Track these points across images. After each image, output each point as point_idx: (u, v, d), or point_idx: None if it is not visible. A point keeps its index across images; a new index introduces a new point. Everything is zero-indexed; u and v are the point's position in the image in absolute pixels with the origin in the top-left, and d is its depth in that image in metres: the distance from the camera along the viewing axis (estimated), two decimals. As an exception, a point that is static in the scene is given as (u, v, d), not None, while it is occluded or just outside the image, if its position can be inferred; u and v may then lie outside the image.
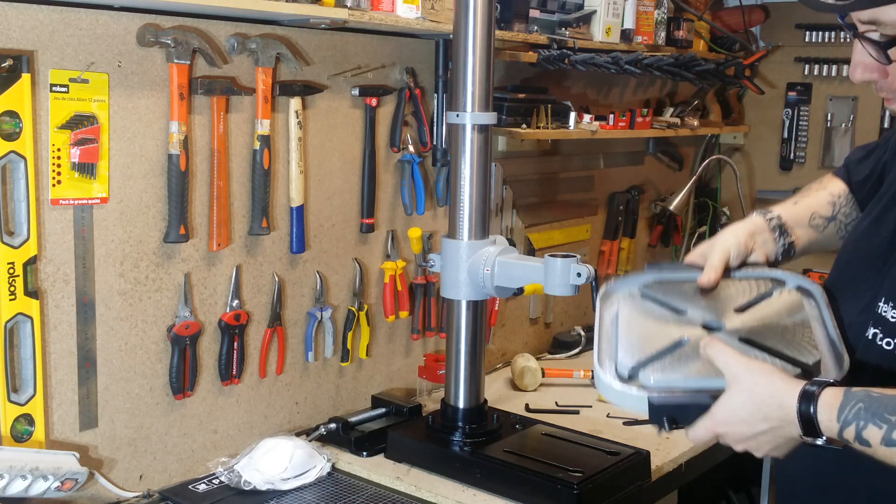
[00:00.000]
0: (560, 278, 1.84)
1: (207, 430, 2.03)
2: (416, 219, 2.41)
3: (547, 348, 2.96)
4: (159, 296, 1.90)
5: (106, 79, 1.75)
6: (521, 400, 2.46)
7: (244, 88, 1.96)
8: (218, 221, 1.95)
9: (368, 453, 2.06)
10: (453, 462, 1.97)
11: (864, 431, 1.17)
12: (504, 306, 2.76)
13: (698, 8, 3.17)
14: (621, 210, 3.16)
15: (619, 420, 2.33)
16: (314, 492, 1.91)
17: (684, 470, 2.14)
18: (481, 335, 2.06)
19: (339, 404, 2.31)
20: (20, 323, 1.67)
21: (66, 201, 1.72)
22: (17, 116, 1.61)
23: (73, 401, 1.78)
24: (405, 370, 2.49)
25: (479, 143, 1.97)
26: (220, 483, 1.91)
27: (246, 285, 2.06)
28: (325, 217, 2.21)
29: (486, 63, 1.95)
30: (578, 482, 1.81)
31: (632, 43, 2.81)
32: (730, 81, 3.25)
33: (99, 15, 1.73)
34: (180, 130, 1.84)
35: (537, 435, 2.09)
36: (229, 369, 2.03)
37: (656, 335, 1.38)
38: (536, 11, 2.57)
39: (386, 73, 2.29)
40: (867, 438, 1.17)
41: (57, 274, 1.73)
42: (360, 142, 2.26)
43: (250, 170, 2.01)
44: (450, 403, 2.07)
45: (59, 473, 1.66)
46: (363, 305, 2.31)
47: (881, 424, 1.16)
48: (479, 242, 1.97)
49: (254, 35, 1.96)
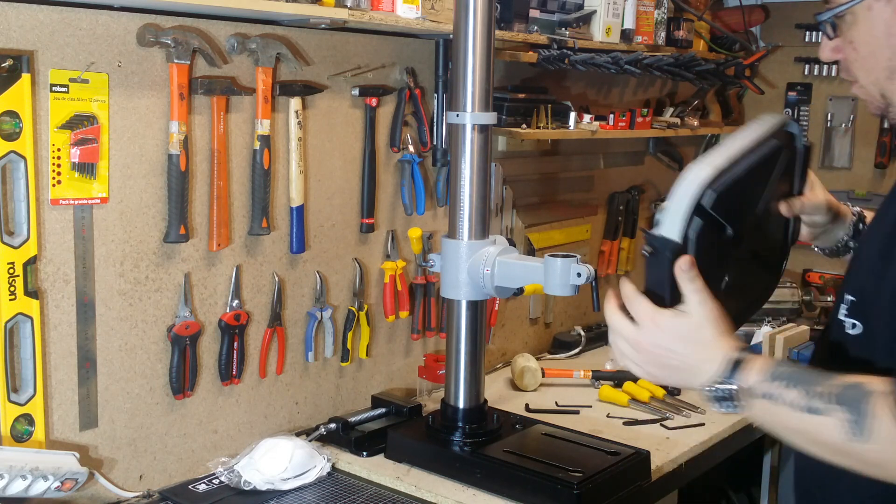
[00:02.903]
0: (560, 278, 1.84)
1: (207, 430, 2.03)
2: (416, 219, 2.41)
3: (547, 348, 2.96)
4: (159, 296, 1.90)
5: (106, 79, 1.75)
6: (521, 400, 2.46)
7: (244, 88, 1.96)
8: (218, 221, 1.95)
9: (368, 453, 2.06)
10: (453, 462, 1.97)
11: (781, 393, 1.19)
12: (504, 306, 2.76)
13: (698, 8, 3.17)
14: (621, 210, 3.16)
15: (619, 420, 2.33)
16: (314, 492, 1.91)
17: (684, 470, 2.14)
18: (481, 335, 2.06)
19: (339, 404, 2.31)
20: (20, 323, 1.67)
21: (66, 201, 1.72)
22: (17, 116, 1.61)
23: (73, 401, 1.78)
24: (405, 370, 2.49)
25: (479, 143, 1.97)
26: (220, 483, 1.91)
27: (246, 285, 2.06)
28: (325, 217, 2.21)
29: (486, 63, 1.94)
30: (578, 482, 1.81)
31: (632, 43, 2.81)
32: (730, 81, 3.25)
33: (99, 15, 1.73)
34: (180, 130, 1.84)
35: (537, 435, 2.09)
36: (229, 369, 2.03)
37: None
38: (536, 11, 2.57)
39: (386, 73, 2.29)
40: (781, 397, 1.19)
41: (57, 274, 1.73)
42: (360, 142, 2.26)
43: (250, 170, 2.01)
44: (450, 403, 2.07)
45: (59, 473, 1.66)
46: (363, 305, 2.31)
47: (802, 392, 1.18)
48: (479, 242, 1.97)
49: (254, 35, 1.96)
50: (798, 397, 1.18)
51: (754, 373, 1.22)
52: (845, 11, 1.34)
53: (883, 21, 1.31)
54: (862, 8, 1.32)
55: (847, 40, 1.37)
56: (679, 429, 2.27)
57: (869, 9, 1.32)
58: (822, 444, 1.19)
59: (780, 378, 1.21)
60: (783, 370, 1.22)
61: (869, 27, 1.33)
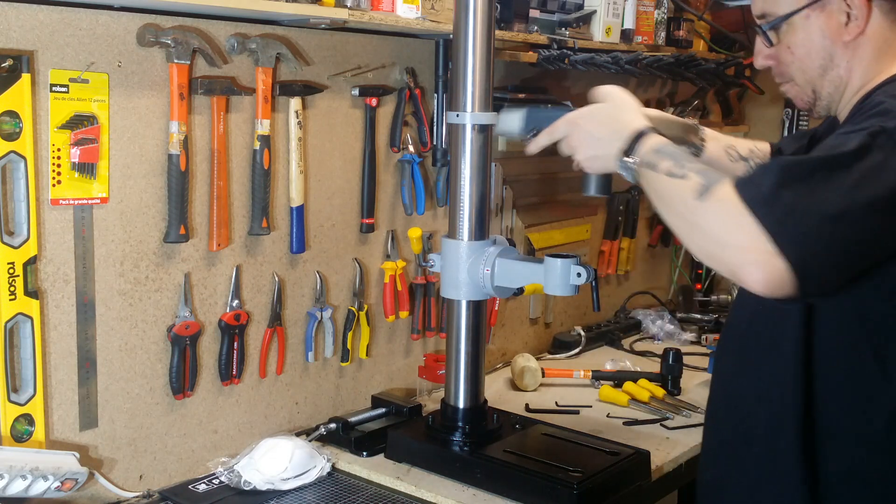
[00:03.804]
0: (560, 278, 1.84)
1: (207, 430, 2.03)
2: (416, 219, 2.41)
3: (547, 348, 2.96)
4: (159, 296, 1.90)
5: (106, 79, 1.75)
6: (521, 400, 2.46)
7: (244, 88, 1.96)
8: (218, 221, 1.95)
9: (368, 453, 2.06)
10: (453, 462, 1.97)
11: (661, 162, 1.44)
12: (504, 306, 2.76)
13: (698, 8, 3.17)
14: (621, 210, 3.16)
15: (619, 420, 2.33)
16: (314, 492, 1.91)
17: (684, 470, 2.13)
18: (481, 335, 2.05)
19: (339, 404, 2.31)
20: (20, 323, 1.67)
21: (66, 201, 1.72)
22: (17, 116, 1.61)
23: (73, 401, 1.78)
24: (405, 370, 2.49)
25: (479, 143, 1.97)
26: (220, 483, 1.91)
27: (246, 285, 2.06)
28: (325, 217, 2.21)
29: (486, 63, 1.94)
30: (578, 482, 1.81)
31: (632, 43, 2.81)
32: (730, 81, 3.25)
33: (99, 15, 1.73)
34: (180, 130, 1.84)
35: (537, 435, 2.09)
36: (229, 369, 2.03)
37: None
38: (536, 11, 2.57)
39: (386, 73, 2.29)
40: (659, 165, 1.44)
41: (57, 274, 1.73)
42: (360, 142, 2.26)
43: (250, 170, 2.01)
44: (450, 403, 2.06)
45: (59, 473, 1.66)
46: (363, 305, 2.31)
47: (674, 162, 1.42)
48: (478, 242, 1.97)
49: (254, 35, 1.96)
50: (671, 166, 1.42)
51: (646, 147, 1.49)
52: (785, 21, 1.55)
53: (818, 27, 1.53)
54: (800, 17, 1.53)
55: (784, 46, 1.57)
56: (679, 429, 2.27)
57: (806, 17, 1.53)
58: (675, 204, 1.41)
59: (662, 152, 1.46)
60: (668, 148, 1.47)
61: (806, 33, 1.54)
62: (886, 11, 1.51)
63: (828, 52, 1.54)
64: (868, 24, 1.50)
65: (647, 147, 1.49)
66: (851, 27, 1.51)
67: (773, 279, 1.27)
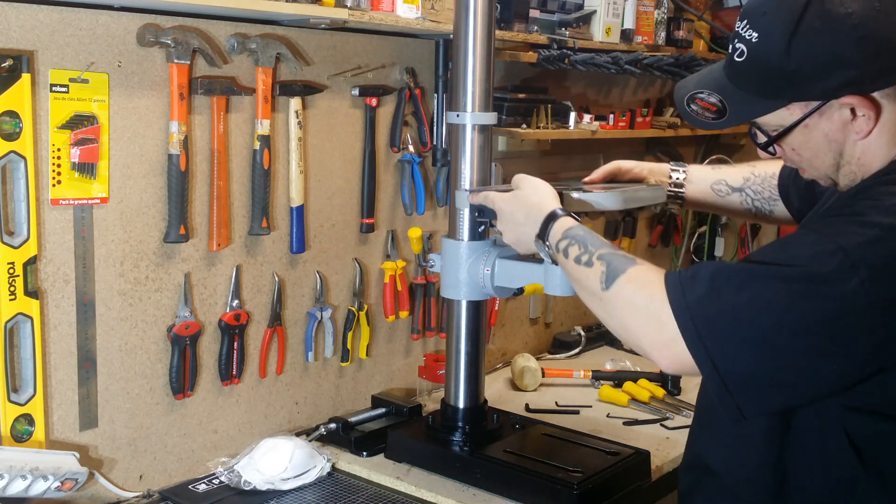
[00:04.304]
0: (560, 278, 1.83)
1: (207, 430, 2.03)
2: (416, 219, 2.41)
3: (547, 348, 2.96)
4: (159, 296, 1.90)
5: (106, 79, 1.75)
6: (521, 400, 2.46)
7: (244, 88, 1.96)
8: (218, 221, 1.95)
9: (368, 453, 2.06)
10: (453, 462, 1.97)
11: (569, 248, 1.50)
12: (504, 306, 2.76)
13: (698, 8, 3.17)
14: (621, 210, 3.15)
15: (619, 420, 2.33)
16: (314, 492, 1.91)
17: (684, 470, 2.13)
18: (481, 335, 2.05)
19: (339, 404, 2.31)
20: (20, 323, 1.67)
21: (66, 201, 1.72)
22: (17, 116, 1.61)
23: (73, 401, 1.78)
24: (405, 370, 2.49)
25: (479, 143, 1.97)
26: (220, 483, 1.91)
27: (246, 285, 2.06)
28: (325, 217, 2.21)
29: (486, 63, 1.94)
30: (578, 482, 1.81)
31: (632, 43, 2.81)
32: (730, 81, 3.24)
33: (99, 15, 1.73)
34: (180, 130, 1.84)
35: (537, 435, 2.09)
36: (229, 369, 2.03)
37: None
38: (536, 11, 2.57)
39: (386, 73, 2.29)
40: (569, 252, 1.50)
41: (57, 274, 1.73)
42: (360, 142, 2.26)
43: (250, 170, 2.01)
44: (450, 403, 2.06)
45: (59, 473, 1.66)
46: (363, 305, 2.31)
47: (582, 249, 1.48)
48: (479, 242, 1.97)
49: (254, 35, 1.96)
50: (579, 253, 1.48)
51: (555, 230, 1.56)
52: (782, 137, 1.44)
53: (820, 131, 1.40)
54: (799, 127, 1.40)
55: (789, 147, 1.45)
56: (679, 429, 2.27)
57: (805, 126, 1.40)
58: (585, 290, 1.46)
59: (570, 236, 1.52)
60: (576, 231, 1.52)
61: (808, 138, 1.41)
62: (894, 99, 1.37)
63: (837, 152, 1.41)
64: (879, 118, 1.36)
65: (556, 230, 1.56)
66: (860, 123, 1.37)
67: (684, 362, 1.30)
